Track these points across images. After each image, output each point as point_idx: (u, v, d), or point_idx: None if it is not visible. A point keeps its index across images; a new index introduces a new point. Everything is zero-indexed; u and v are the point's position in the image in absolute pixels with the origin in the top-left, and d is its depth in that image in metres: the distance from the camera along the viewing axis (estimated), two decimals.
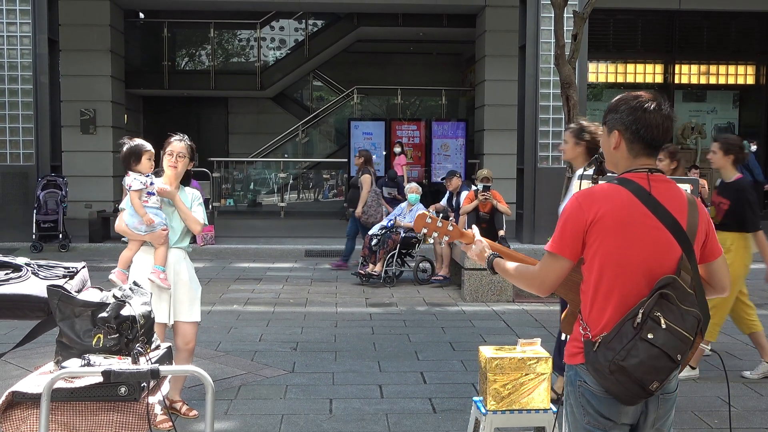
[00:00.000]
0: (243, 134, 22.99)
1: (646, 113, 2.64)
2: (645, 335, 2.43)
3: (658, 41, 19.53)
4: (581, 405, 2.67)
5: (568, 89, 8.72)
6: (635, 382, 2.44)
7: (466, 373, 6.34)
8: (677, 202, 2.63)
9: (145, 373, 2.59)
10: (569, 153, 5.58)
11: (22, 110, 13.35)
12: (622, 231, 2.58)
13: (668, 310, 2.45)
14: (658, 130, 2.65)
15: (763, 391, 5.88)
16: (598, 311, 2.61)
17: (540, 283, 2.74)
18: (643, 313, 2.45)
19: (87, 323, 2.79)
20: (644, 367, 2.43)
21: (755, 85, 20.04)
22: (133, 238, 4.98)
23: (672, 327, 2.44)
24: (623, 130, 2.68)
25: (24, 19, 13.25)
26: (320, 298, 9.61)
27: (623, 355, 2.44)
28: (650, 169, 2.66)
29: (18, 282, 2.98)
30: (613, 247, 2.58)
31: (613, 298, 2.59)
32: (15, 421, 2.66)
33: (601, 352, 2.51)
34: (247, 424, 5.10)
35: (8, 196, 13.34)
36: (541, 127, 13.69)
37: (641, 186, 2.61)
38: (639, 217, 2.58)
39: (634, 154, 2.69)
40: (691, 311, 2.48)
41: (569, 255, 2.66)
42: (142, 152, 4.96)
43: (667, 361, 2.44)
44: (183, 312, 5.05)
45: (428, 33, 21.51)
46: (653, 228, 2.58)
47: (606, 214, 2.59)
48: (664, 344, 2.42)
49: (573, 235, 2.64)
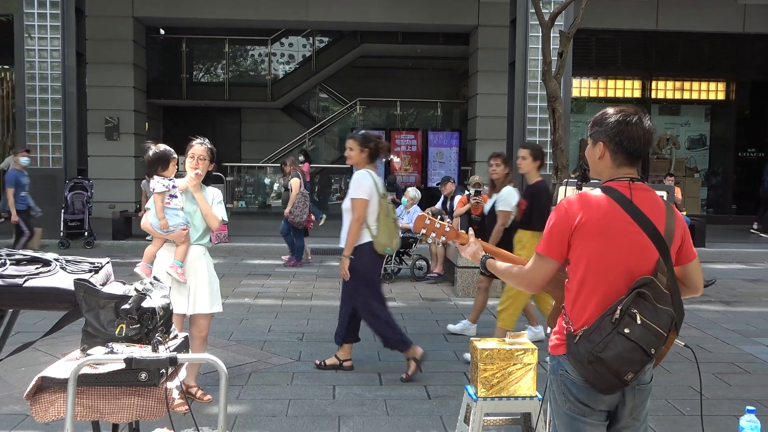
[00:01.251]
0: (254, 141, 22.97)
1: (629, 126, 2.65)
2: (622, 330, 2.44)
3: (637, 59, 19.53)
4: (562, 392, 2.68)
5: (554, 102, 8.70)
6: (612, 372, 2.46)
7: (458, 362, 6.33)
8: (656, 209, 2.64)
9: (164, 361, 2.58)
10: (355, 158, 5.89)
11: (52, 118, 13.35)
12: (605, 235, 2.59)
13: (644, 307, 2.47)
14: (640, 141, 2.65)
15: (731, 381, 5.88)
16: (581, 307, 2.62)
17: (529, 281, 2.75)
18: (621, 310, 2.47)
19: (110, 314, 2.79)
20: (620, 359, 2.44)
21: (725, 100, 20.05)
22: (157, 236, 4.99)
23: (647, 323, 2.45)
24: (608, 141, 2.68)
25: (54, 35, 13.25)
26: (324, 292, 9.60)
27: (601, 347, 2.45)
28: (632, 179, 2.67)
29: (47, 276, 2.97)
30: (597, 250, 2.59)
31: (595, 296, 2.59)
32: (44, 404, 2.66)
33: (581, 344, 2.52)
34: (256, 408, 5.10)
35: (39, 197, 13.30)
36: (528, 137, 13.67)
37: (623, 194, 2.62)
38: (620, 222, 2.59)
39: (618, 164, 2.70)
40: (666, 309, 2.50)
41: (555, 256, 2.67)
42: (169, 159, 4.98)
43: (642, 354, 2.45)
44: (202, 304, 5.06)
45: (425, 50, 21.54)
46: (633, 233, 2.58)
47: (590, 219, 2.59)
48: (639, 338, 2.43)
49: (559, 238, 2.65)
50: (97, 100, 17.36)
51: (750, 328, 7.86)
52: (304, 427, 4.75)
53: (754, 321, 8.23)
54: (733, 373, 6.15)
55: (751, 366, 6.38)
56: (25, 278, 2.93)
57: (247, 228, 15.62)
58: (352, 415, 4.98)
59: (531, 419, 4.43)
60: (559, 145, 8.85)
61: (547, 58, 8.69)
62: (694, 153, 20.15)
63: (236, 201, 19.95)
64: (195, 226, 5.06)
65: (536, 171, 6.43)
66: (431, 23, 18.76)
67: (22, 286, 2.90)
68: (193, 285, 5.01)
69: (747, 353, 6.80)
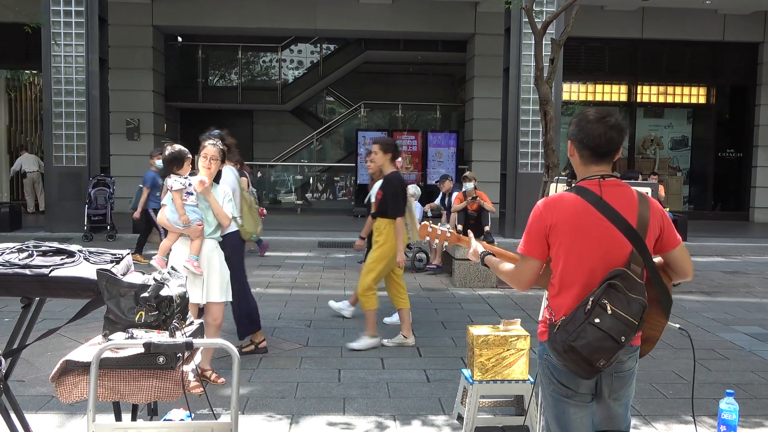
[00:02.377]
0: (266, 142, 22.96)
1: (589, 124, 2.61)
2: (592, 320, 2.42)
3: (623, 65, 19.49)
4: (547, 375, 2.69)
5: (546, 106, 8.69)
6: (584, 359, 2.44)
7: (456, 348, 6.32)
8: (627, 203, 2.59)
9: (180, 345, 2.58)
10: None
11: (77, 119, 13.33)
12: (579, 233, 2.57)
13: (615, 298, 2.44)
14: (601, 139, 2.60)
15: (711, 367, 5.87)
16: (561, 300, 2.61)
17: (517, 280, 2.74)
18: (593, 301, 2.44)
19: (131, 302, 2.78)
20: (591, 347, 2.42)
21: (706, 103, 20.02)
22: (173, 230, 4.99)
23: (617, 313, 2.42)
24: (573, 140, 2.67)
25: (78, 42, 13.23)
26: (331, 282, 9.59)
27: (574, 337, 2.44)
28: (603, 176, 2.63)
29: (72, 266, 2.97)
30: (571, 247, 2.58)
31: (572, 289, 2.58)
32: (68, 386, 2.66)
33: (558, 334, 2.52)
34: (267, 390, 5.09)
35: (64, 193, 13.35)
36: (521, 138, 13.64)
37: (593, 192, 2.59)
38: (592, 220, 2.56)
39: (584, 162, 2.67)
40: (637, 299, 2.45)
41: (537, 255, 2.65)
42: (184, 159, 4.98)
43: (612, 342, 2.42)
44: (214, 294, 5.06)
45: (426, 56, 21.51)
46: (605, 229, 2.55)
47: (563, 220, 2.58)
48: (609, 328, 2.41)
49: (537, 238, 2.64)
50: (119, 103, 17.35)
51: (729, 317, 7.84)
52: (311, 408, 4.75)
53: (733, 310, 8.21)
54: (713, 359, 6.14)
55: (730, 352, 6.36)
56: (51, 268, 2.92)
57: None
58: (356, 397, 4.98)
59: (524, 401, 4.43)
60: (551, 146, 8.83)
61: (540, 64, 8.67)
62: (676, 153, 20.11)
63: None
64: (208, 222, 5.06)
65: (389, 163, 6.37)
66: (431, 31, 18.72)
67: (48, 275, 2.89)
68: (207, 276, 5.01)
69: (726, 340, 6.79)
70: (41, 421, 4.39)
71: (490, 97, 17.55)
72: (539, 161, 13.41)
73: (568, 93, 18.99)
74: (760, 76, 18.86)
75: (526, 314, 7.49)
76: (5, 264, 2.90)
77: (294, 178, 21.10)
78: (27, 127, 20.05)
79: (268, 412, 4.65)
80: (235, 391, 2.57)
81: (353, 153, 19.58)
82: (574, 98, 19.43)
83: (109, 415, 2.98)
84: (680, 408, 4.85)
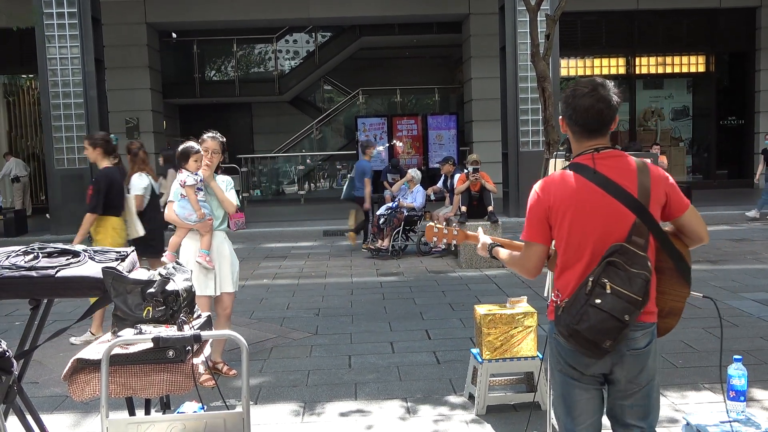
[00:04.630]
0: (265, 134, 22.95)
1: (576, 99, 2.54)
2: (593, 301, 2.36)
3: (620, 38, 19.36)
4: (555, 354, 2.65)
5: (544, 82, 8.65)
6: (590, 342, 2.39)
7: (464, 329, 6.34)
8: (625, 173, 2.52)
9: (188, 338, 2.60)
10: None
11: (76, 121, 13.34)
12: (578, 211, 2.51)
13: (615, 275, 2.37)
14: (588, 113, 2.52)
15: (719, 334, 5.88)
16: (565, 280, 2.56)
17: (524, 268, 2.69)
18: (592, 281, 2.39)
19: (137, 298, 2.80)
20: (594, 330, 2.37)
21: (705, 72, 19.88)
22: (182, 226, 5.03)
23: (618, 290, 2.35)
24: (564, 116, 2.61)
25: (73, 43, 13.21)
26: (337, 270, 9.62)
27: (576, 320, 2.39)
28: (596, 149, 2.56)
29: (77, 266, 2.99)
30: (572, 225, 2.52)
31: (576, 268, 2.53)
32: (80, 384, 2.68)
33: (563, 316, 2.47)
34: (279, 380, 5.13)
35: (67, 195, 13.36)
36: (521, 117, 13.62)
37: (587, 166, 2.53)
38: (590, 195, 2.50)
39: (577, 138, 2.61)
40: (639, 273, 2.38)
41: (540, 239, 2.60)
42: (189, 155, 5.00)
43: (615, 322, 2.36)
44: (226, 284, 5.12)
45: (421, 39, 21.40)
46: (604, 203, 2.49)
47: (560, 199, 2.53)
48: (611, 308, 2.35)
49: (538, 222, 2.59)
50: (117, 102, 17.35)
51: (736, 284, 7.85)
52: (323, 395, 4.78)
53: (740, 278, 8.22)
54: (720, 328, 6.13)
55: (738, 319, 6.38)
56: (57, 269, 2.94)
57: (262, 214, 15.66)
58: (367, 382, 5.01)
59: (534, 377, 4.46)
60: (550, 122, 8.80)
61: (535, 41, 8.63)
62: (678, 123, 20.03)
63: (251, 190, 19.95)
64: (214, 214, 5.12)
65: (102, 158, 6.39)
66: (425, 14, 18.62)
67: (54, 276, 2.91)
68: (218, 267, 5.08)
69: (734, 307, 6.80)
70: (57, 421, 4.43)
71: (488, 77, 17.47)
72: (540, 138, 13.38)
73: (566, 68, 18.89)
74: (758, 41, 18.72)
75: (533, 291, 7.50)
76: (11, 267, 2.93)
77: (295, 168, 21.10)
78: (27, 131, 20.05)
79: (280, 402, 4.69)
80: (245, 381, 2.60)
81: (353, 140, 19.57)
82: (572, 74, 19.33)
83: (123, 412, 3.01)
84: (691, 377, 4.87)
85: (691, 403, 4.42)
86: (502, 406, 4.40)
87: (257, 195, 20.25)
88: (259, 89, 21.87)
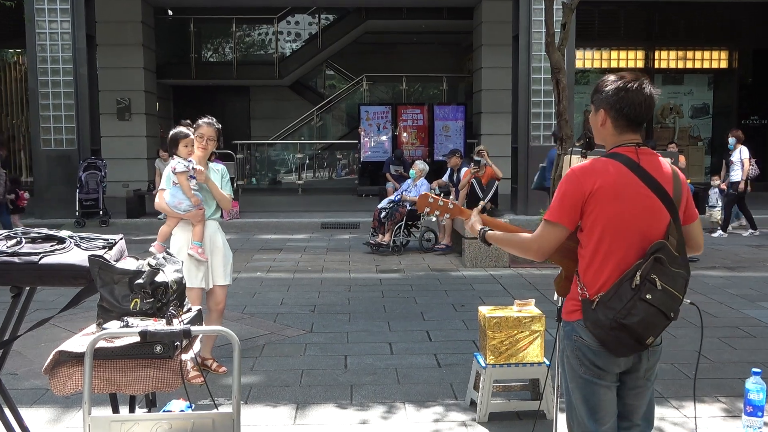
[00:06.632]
0: (263, 119, 22.92)
1: (629, 93, 2.60)
2: (644, 296, 2.44)
3: (639, 30, 19.32)
4: (577, 357, 2.66)
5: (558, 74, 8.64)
6: (634, 337, 2.48)
7: (467, 331, 6.33)
8: (663, 173, 2.63)
9: (177, 333, 2.58)
10: None
11: (64, 100, 13.32)
12: (618, 200, 2.56)
13: (662, 272, 2.47)
14: (641, 107, 2.62)
15: (736, 345, 5.86)
16: (596, 272, 2.59)
17: (538, 248, 2.68)
18: (641, 276, 2.46)
19: (125, 289, 2.78)
20: (644, 324, 2.45)
21: (728, 68, 19.84)
22: (172, 215, 5.00)
23: (666, 288, 2.46)
24: (608, 108, 2.65)
25: (64, 18, 13.18)
26: (335, 265, 9.61)
27: (624, 314, 2.45)
28: (637, 144, 2.64)
29: (62, 253, 2.96)
30: (611, 215, 2.57)
31: (610, 260, 2.57)
32: (62, 378, 2.67)
33: (600, 311, 2.51)
34: (270, 379, 5.11)
35: (54, 177, 13.37)
36: (533, 109, 13.59)
37: (631, 158, 2.60)
38: (632, 186, 2.57)
39: (620, 131, 2.66)
40: (679, 272, 2.51)
41: (567, 223, 2.63)
42: (178, 140, 4.96)
43: (663, 319, 2.48)
44: (218, 276, 5.10)
45: (430, 25, 21.34)
46: (645, 196, 2.57)
47: (603, 185, 2.57)
48: (661, 303, 2.45)
49: (572, 205, 2.61)
50: (109, 82, 17.32)
51: (754, 293, 7.83)
52: (317, 396, 4.77)
53: (758, 286, 8.19)
54: (738, 336, 6.13)
55: (756, 330, 6.36)
56: (41, 256, 2.91)
57: (258, 204, 15.65)
58: (364, 384, 5.00)
59: (539, 385, 4.44)
60: (564, 116, 8.79)
61: (550, 30, 8.60)
62: (697, 121, 19.99)
63: (247, 178, 19.94)
64: (207, 204, 5.10)
65: None
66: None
67: (37, 263, 2.89)
68: (211, 258, 5.07)
69: (751, 317, 6.78)
70: (36, 415, 4.42)
71: (499, 67, 17.43)
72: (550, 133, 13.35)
73: (581, 60, 18.83)
74: None
75: (541, 294, 7.49)
76: None
77: (294, 156, 21.08)
78: (13, 109, 20.03)
79: (272, 402, 4.67)
80: (237, 380, 2.58)
81: (356, 129, 19.55)
82: (588, 66, 19.29)
83: (106, 408, 2.99)
84: (704, 388, 4.85)
85: (704, 417, 4.41)
86: (506, 414, 4.38)
87: (253, 183, 20.25)
88: (257, 72, 21.84)
